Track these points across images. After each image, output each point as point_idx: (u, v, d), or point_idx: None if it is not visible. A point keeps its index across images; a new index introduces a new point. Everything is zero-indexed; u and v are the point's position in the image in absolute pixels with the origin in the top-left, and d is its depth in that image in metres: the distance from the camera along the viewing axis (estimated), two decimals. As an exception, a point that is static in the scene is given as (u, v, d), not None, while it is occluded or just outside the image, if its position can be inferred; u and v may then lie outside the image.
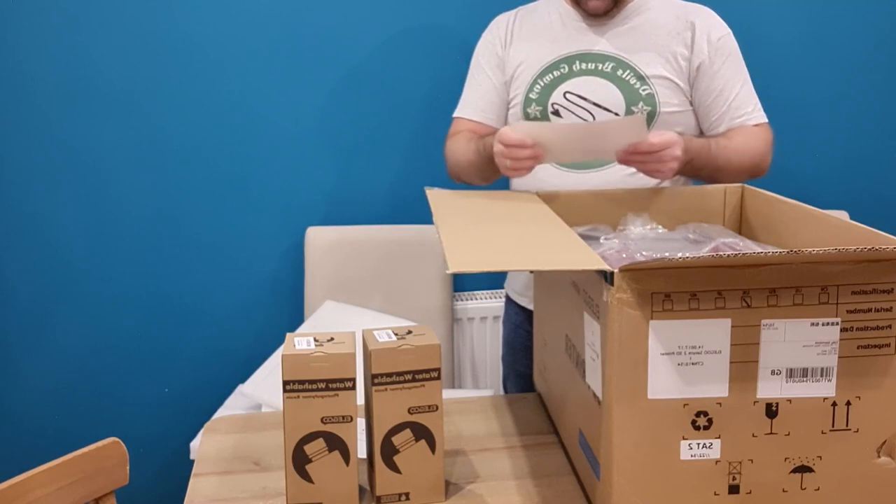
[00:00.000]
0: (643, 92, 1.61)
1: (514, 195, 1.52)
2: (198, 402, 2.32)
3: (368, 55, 2.33)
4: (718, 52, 1.62)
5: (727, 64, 1.63)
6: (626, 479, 1.00)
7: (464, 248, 1.08)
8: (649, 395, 0.98)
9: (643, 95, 1.61)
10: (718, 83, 1.63)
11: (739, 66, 1.65)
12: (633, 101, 1.61)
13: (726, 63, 1.63)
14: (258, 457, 1.28)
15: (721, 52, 1.63)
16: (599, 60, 1.63)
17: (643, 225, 1.35)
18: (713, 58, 1.62)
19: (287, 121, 2.34)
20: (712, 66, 1.62)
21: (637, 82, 1.61)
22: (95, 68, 2.24)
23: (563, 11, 1.69)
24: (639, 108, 1.61)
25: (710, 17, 1.66)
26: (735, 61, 1.65)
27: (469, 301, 2.43)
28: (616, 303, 0.96)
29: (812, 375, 0.98)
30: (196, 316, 2.40)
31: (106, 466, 1.33)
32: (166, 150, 2.31)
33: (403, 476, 1.14)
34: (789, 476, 1.00)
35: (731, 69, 1.63)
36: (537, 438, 1.33)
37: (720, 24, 1.66)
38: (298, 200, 2.38)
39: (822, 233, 1.20)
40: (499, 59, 1.73)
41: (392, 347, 1.11)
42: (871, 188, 2.53)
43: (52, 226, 2.31)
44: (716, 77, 1.62)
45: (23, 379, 2.37)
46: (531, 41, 1.70)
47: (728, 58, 1.63)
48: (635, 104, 1.61)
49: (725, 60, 1.63)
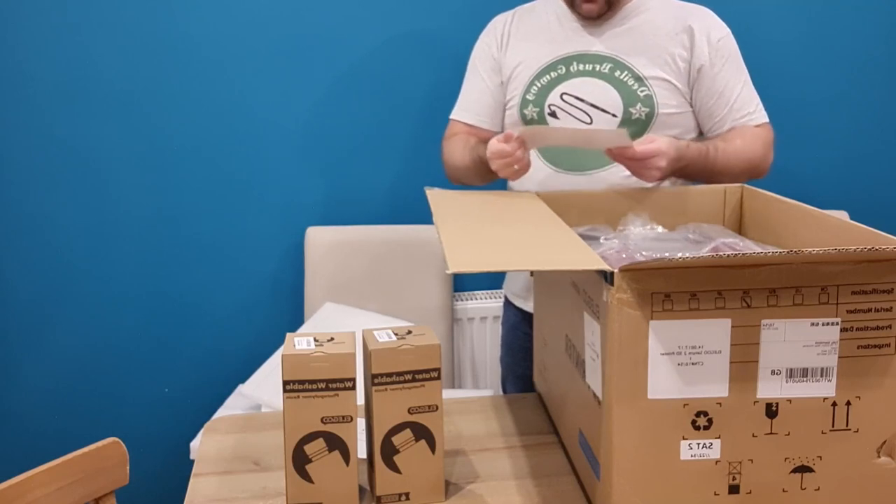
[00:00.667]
0: (641, 93, 1.61)
1: (514, 195, 1.52)
2: (198, 402, 2.32)
3: (368, 55, 2.33)
4: (718, 54, 1.62)
5: (727, 65, 1.62)
6: (626, 479, 1.00)
7: (464, 248, 1.08)
8: (649, 395, 0.98)
9: (641, 97, 1.61)
10: (719, 85, 1.62)
11: (739, 67, 1.64)
12: (631, 102, 1.61)
13: (727, 64, 1.62)
14: (258, 457, 1.28)
15: (721, 53, 1.62)
16: (597, 62, 1.63)
17: (643, 225, 1.35)
18: (713, 60, 1.61)
19: (287, 121, 2.34)
20: (713, 69, 1.61)
21: (635, 83, 1.61)
22: (95, 68, 2.24)
23: (561, 12, 1.68)
24: (636, 110, 1.60)
25: (708, 17, 1.65)
26: (735, 62, 1.64)
27: (469, 301, 2.43)
28: (616, 303, 0.96)
29: (812, 375, 0.98)
30: (196, 316, 2.40)
31: (106, 466, 1.32)
32: (166, 150, 2.31)
33: (403, 476, 1.14)
34: (789, 476, 1.00)
35: (732, 70, 1.63)
36: (537, 438, 1.33)
37: (719, 25, 1.65)
38: (298, 200, 2.38)
39: (822, 233, 1.20)
40: (494, 62, 1.73)
41: (392, 347, 1.11)
42: (871, 188, 2.53)
43: (52, 226, 2.31)
44: (716, 79, 1.62)
45: (23, 379, 2.37)
46: (528, 42, 1.69)
47: (728, 59, 1.63)
48: (633, 105, 1.60)
49: (726, 62, 1.62)
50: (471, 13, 1.98)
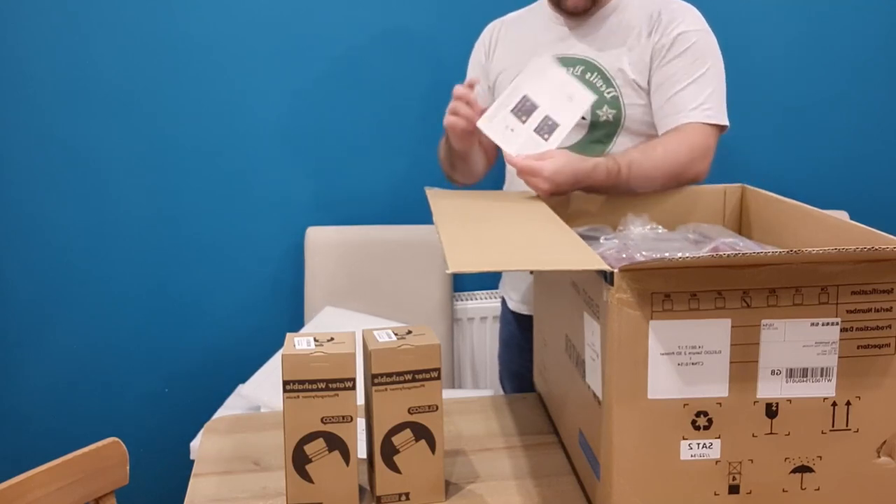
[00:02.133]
0: (608, 94, 1.57)
1: (514, 195, 1.52)
2: (198, 402, 2.32)
3: (368, 55, 2.33)
4: (674, 45, 1.53)
5: (680, 58, 1.53)
6: (626, 479, 1.00)
7: (464, 248, 1.08)
8: (649, 395, 0.98)
9: (608, 98, 1.57)
10: (663, 76, 1.54)
11: (695, 64, 1.52)
12: (598, 104, 1.57)
13: (680, 57, 1.53)
14: (258, 457, 1.29)
15: (678, 45, 1.53)
16: (571, 64, 1.60)
17: (643, 225, 1.34)
18: (666, 51, 1.53)
19: (287, 121, 2.34)
20: (663, 59, 1.53)
21: (603, 85, 1.58)
22: (95, 68, 2.24)
23: (548, 18, 1.67)
24: (604, 112, 1.57)
25: (680, 11, 1.56)
26: (692, 57, 1.52)
27: (469, 301, 2.43)
28: (616, 303, 0.96)
29: (812, 375, 0.98)
30: (196, 316, 2.40)
31: (106, 466, 1.32)
32: (166, 151, 2.31)
33: (403, 476, 1.14)
34: (789, 476, 1.00)
35: (683, 63, 1.52)
36: (537, 438, 1.33)
37: (690, 20, 1.55)
38: (298, 200, 2.38)
39: (822, 233, 1.20)
40: (482, 69, 1.75)
41: (392, 347, 1.11)
42: (871, 188, 2.53)
43: (52, 226, 2.31)
44: (662, 70, 1.54)
45: (23, 379, 2.37)
46: (513, 49, 1.70)
47: (684, 52, 1.53)
48: (600, 108, 1.57)
49: (680, 55, 1.53)
50: (471, 13, 1.98)
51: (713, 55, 1.55)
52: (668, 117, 1.54)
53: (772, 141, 2.47)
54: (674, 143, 1.49)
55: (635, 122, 1.58)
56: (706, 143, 1.51)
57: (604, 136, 1.59)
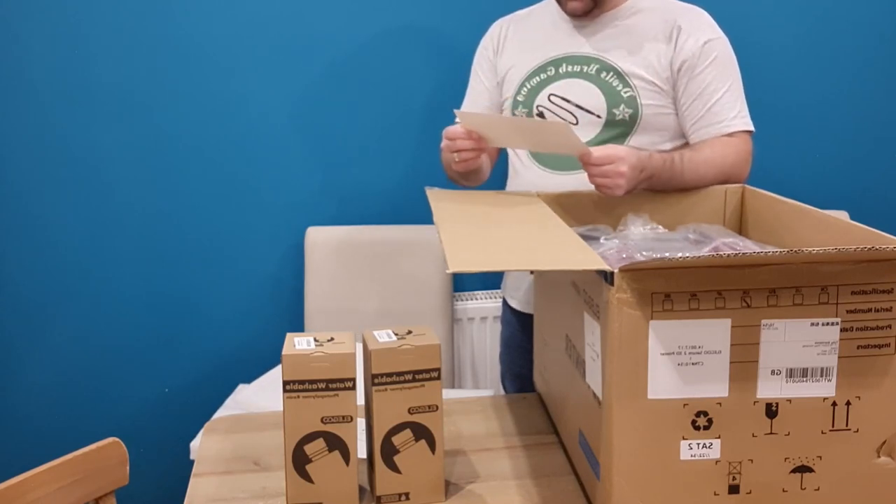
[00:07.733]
0: (625, 94, 1.59)
1: (514, 195, 1.52)
2: (198, 402, 2.32)
3: (369, 55, 2.33)
4: (703, 55, 1.57)
5: (711, 67, 1.57)
6: (626, 479, 1.00)
7: (464, 247, 1.08)
8: (649, 395, 0.98)
9: (625, 98, 1.59)
10: (699, 86, 1.57)
11: (726, 72, 1.58)
12: (615, 103, 1.59)
13: (710, 66, 1.57)
14: (258, 457, 1.29)
15: (706, 54, 1.57)
16: (584, 63, 1.62)
17: (643, 225, 1.35)
18: (697, 60, 1.57)
19: (287, 121, 2.34)
20: (695, 69, 1.57)
21: (619, 84, 1.59)
22: (95, 68, 2.24)
23: (556, 16, 1.68)
24: (620, 111, 1.59)
25: (699, 18, 1.61)
26: (721, 65, 1.58)
27: (469, 301, 2.43)
28: (616, 303, 0.96)
29: (812, 375, 0.98)
30: (196, 316, 2.40)
31: (106, 466, 1.32)
32: (166, 151, 2.31)
33: (403, 476, 1.14)
34: (789, 476, 1.00)
35: (715, 73, 1.57)
36: (537, 438, 1.33)
37: (710, 28, 1.60)
38: (298, 200, 2.38)
39: (822, 233, 1.20)
40: (490, 64, 1.75)
41: (392, 347, 1.11)
42: (871, 188, 2.52)
43: (52, 226, 2.31)
44: (697, 80, 1.57)
45: (23, 378, 2.37)
46: (522, 45, 1.70)
47: (713, 61, 1.57)
48: (616, 107, 1.59)
49: (710, 64, 1.57)
50: (474, 13, 1.98)
51: (734, 61, 1.62)
52: (710, 126, 1.58)
53: (772, 141, 2.47)
54: (720, 147, 1.56)
55: (650, 123, 1.60)
56: (748, 149, 1.60)
57: (618, 136, 1.60)
